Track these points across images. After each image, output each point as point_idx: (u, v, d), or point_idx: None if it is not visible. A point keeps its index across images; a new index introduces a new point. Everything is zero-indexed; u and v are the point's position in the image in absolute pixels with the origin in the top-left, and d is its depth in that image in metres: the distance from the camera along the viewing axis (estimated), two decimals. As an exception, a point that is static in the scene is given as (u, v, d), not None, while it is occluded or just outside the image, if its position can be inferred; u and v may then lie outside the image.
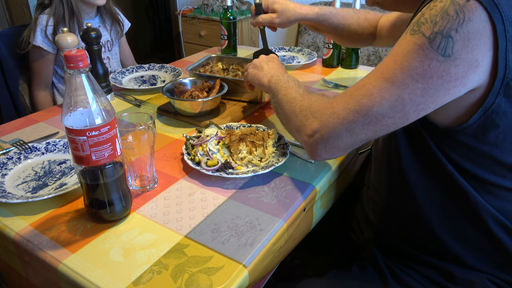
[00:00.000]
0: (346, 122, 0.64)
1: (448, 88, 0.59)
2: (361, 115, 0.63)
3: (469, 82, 0.59)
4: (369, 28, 1.13)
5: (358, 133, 0.65)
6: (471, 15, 0.55)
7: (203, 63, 1.30)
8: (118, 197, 0.69)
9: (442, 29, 0.56)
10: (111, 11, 1.56)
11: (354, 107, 0.63)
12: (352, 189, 1.03)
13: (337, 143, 0.66)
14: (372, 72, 0.65)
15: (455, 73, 0.57)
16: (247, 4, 2.89)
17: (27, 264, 0.70)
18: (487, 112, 0.61)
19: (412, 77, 0.59)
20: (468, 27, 0.55)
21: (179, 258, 0.63)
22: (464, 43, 0.56)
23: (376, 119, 0.62)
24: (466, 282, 0.71)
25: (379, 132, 0.64)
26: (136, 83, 1.35)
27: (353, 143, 0.67)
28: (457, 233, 0.71)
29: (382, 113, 0.62)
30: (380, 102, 0.61)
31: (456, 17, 0.56)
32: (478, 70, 0.58)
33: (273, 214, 0.73)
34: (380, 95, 0.61)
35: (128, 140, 0.73)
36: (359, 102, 0.63)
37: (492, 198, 0.68)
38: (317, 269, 0.92)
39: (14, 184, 0.81)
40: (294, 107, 0.75)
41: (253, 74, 0.94)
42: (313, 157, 0.71)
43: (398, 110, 0.61)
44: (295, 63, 1.53)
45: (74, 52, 0.59)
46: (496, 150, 0.64)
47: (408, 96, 0.60)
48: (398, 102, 0.60)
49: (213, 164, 0.82)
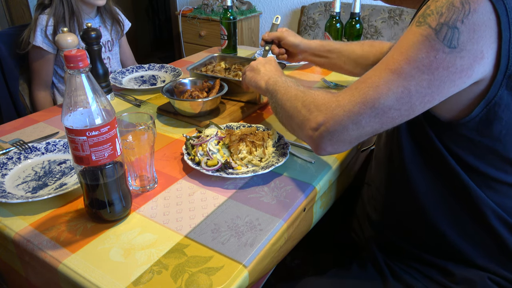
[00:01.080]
0: (352, 114, 0.64)
1: (453, 79, 0.59)
2: (367, 107, 0.62)
3: (474, 74, 0.59)
4: (374, 53, 1.13)
5: (365, 126, 0.64)
6: (476, 6, 0.56)
7: (205, 62, 1.30)
8: (118, 197, 0.69)
9: (448, 20, 0.57)
10: (111, 11, 1.56)
11: (361, 99, 0.63)
12: (352, 188, 1.03)
13: (343, 136, 0.66)
14: (378, 65, 0.64)
15: (461, 65, 0.57)
16: (247, 4, 2.89)
17: (27, 264, 0.70)
18: (489, 104, 0.61)
19: (418, 69, 0.59)
20: (473, 18, 0.56)
21: (179, 258, 0.63)
22: (470, 35, 0.56)
23: (382, 111, 0.62)
24: (466, 281, 0.71)
25: (385, 125, 0.64)
26: (136, 83, 1.35)
27: (359, 136, 0.66)
28: (458, 229, 0.71)
29: (389, 105, 0.61)
30: (387, 94, 0.61)
31: (462, 8, 0.56)
32: (483, 62, 0.58)
33: (273, 214, 0.73)
34: (387, 86, 0.61)
35: (128, 140, 0.73)
36: (365, 94, 0.63)
37: (494, 193, 0.68)
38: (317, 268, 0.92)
39: (14, 184, 0.81)
40: (296, 104, 0.74)
41: (250, 77, 0.95)
42: (317, 152, 0.70)
43: (405, 102, 0.61)
44: (295, 63, 1.53)
45: (74, 52, 0.59)
46: (499, 145, 0.64)
47: (414, 87, 0.60)
48: (405, 94, 0.60)
49: (213, 164, 0.82)
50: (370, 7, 2.48)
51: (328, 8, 2.59)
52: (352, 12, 1.41)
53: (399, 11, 2.40)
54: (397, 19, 2.40)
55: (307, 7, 2.70)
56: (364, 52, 1.14)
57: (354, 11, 1.40)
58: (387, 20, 2.43)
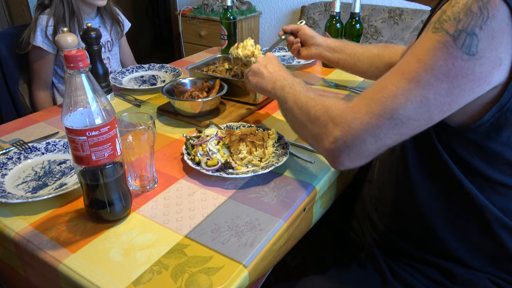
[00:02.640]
0: (370, 127, 0.61)
1: (472, 87, 0.57)
2: (386, 118, 0.60)
3: (493, 81, 0.58)
4: (389, 54, 1.12)
5: (383, 138, 0.61)
6: (495, 12, 0.54)
7: (208, 62, 1.30)
8: (118, 197, 0.69)
9: (466, 26, 0.55)
10: (112, 12, 1.56)
11: (378, 111, 0.60)
12: (352, 188, 1.03)
13: (362, 150, 0.63)
14: (392, 73, 0.62)
15: (480, 72, 0.56)
16: (247, 4, 2.89)
17: (27, 264, 0.70)
18: (502, 109, 0.60)
19: (437, 77, 0.57)
20: (492, 24, 0.54)
21: (179, 258, 0.63)
22: (488, 41, 0.55)
23: (401, 122, 0.60)
24: (467, 282, 0.71)
25: (404, 136, 0.62)
26: (136, 83, 1.35)
27: (378, 149, 0.63)
28: (460, 235, 0.71)
29: (408, 115, 0.59)
30: (405, 104, 0.59)
31: (480, 14, 0.55)
32: (501, 68, 0.57)
33: (273, 214, 0.73)
34: (405, 96, 0.59)
35: (128, 140, 0.73)
36: (383, 105, 0.60)
37: (499, 197, 0.67)
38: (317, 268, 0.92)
39: (14, 184, 0.81)
40: (309, 113, 0.71)
41: (255, 83, 0.92)
42: (334, 166, 0.67)
43: (423, 111, 0.59)
44: (295, 63, 1.53)
45: (74, 52, 0.59)
46: (508, 150, 0.64)
47: (433, 96, 0.58)
48: (423, 103, 0.58)
49: (213, 164, 0.82)
50: (370, 7, 2.48)
51: (328, 8, 2.59)
52: (352, 12, 1.40)
53: (399, 11, 2.40)
54: (397, 19, 2.40)
55: (307, 7, 2.70)
56: (380, 52, 1.12)
57: (354, 11, 1.40)
58: (387, 20, 2.43)
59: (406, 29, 2.37)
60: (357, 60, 1.14)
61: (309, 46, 1.20)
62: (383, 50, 1.13)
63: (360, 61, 1.14)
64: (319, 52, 1.18)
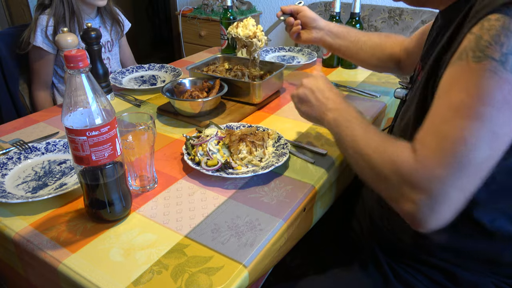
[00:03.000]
0: (450, 181, 0.56)
1: None
2: (464, 166, 0.56)
3: None
4: (391, 44, 1.09)
5: (468, 186, 0.57)
6: None
7: (208, 62, 1.30)
8: (118, 197, 0.69)
9: (511, 48, 0.53)
10: (112, 12, 1.56)
11: (453, 160, 0.56)
12: (352, 188, 1.03)
13: (450, 208, 0.58)
14: (444, 117, 0.58)
15: None
16: (247, 4, 2.89)
17: (27, 264, 0.70)
18: None
19: (497, 107, 0.54)
20: None
21: (179, 258, 0.63)
22: None
23: (479, 164, 0.56)
24: (470, 284, 0.71)
25: (484, 176, 0.58)
26: (136, 83, 1.35)
27: (464, 200, 0.58)
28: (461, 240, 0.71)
29: (483, 155, 0.56)
30: (478, 145, 0.55)
31: None
32: None
33: (273, 214, 0.73)
34: (474, 136, 0.55)
35: (128, 140, 0.73)
36: (455, 152, 0.56)
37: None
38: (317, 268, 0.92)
39: (14, 184, 0.81)
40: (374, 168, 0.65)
41: (304, 111, 0.86)
42: (419, 229, 0.62)
43: (495, 146, 0.56)
44: (295, 63, 1.53)
45: (74, 52, 0.59)
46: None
47: (499, 128, 0.55)
48: (494, 138, 0.55)
49: (213, 164, 0.82)
50: (370, 7, 2.48)
51: (328, 8, 2.59)
52: (352, 12, 1.40)
53: (399, 11, 2.40)
54: (397, 19, 2.40)
55: (307, 7, 2.70)
56: (382, 41, 1.10)
57: (354, 11, 1.39)
58: (387, 20, 2.43)
59: (406, 29, 2.37)
60: (359, 48, 1.10)
61: (310, 30, 1.14)
62: (385, 40, 1.10)
63: (363, 50, 1.10)
64: (320, 36, 1.13)
